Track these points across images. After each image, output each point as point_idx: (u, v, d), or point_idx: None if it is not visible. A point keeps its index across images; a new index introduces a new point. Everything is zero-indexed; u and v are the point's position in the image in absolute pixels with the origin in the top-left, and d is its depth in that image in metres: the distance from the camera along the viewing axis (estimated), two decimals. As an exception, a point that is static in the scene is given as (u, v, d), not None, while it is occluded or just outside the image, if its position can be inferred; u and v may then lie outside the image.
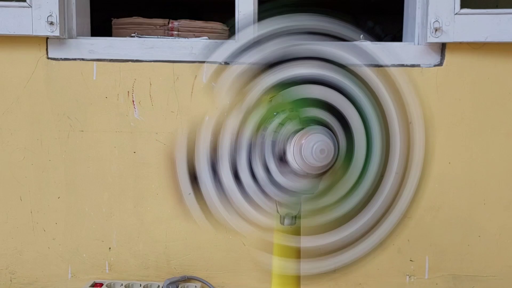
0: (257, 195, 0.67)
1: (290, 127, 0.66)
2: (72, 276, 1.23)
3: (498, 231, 1.17)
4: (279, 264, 0.78)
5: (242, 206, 0.67)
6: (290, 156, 0.64)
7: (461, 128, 1.14)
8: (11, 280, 1.24)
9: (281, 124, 0.67)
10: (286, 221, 0.76)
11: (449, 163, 1.15)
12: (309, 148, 0.62)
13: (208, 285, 1.21)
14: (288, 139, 0.65)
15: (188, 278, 1.21)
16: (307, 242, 0.73)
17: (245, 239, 1.20)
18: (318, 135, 0.63)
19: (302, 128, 0.65)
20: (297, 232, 0.77)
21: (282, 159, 0.65)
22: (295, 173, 0.65)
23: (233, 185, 0.67)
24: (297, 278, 0.80)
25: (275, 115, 0.68)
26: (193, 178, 0.68)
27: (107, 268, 1.22)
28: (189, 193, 0.69)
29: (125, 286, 1.17)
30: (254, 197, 0.67)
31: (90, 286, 1.17)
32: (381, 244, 0.74)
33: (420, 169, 0.74)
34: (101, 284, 1.18)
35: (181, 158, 0.68)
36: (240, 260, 1.21)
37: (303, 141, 0.62)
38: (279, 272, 0.79)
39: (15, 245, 1.23)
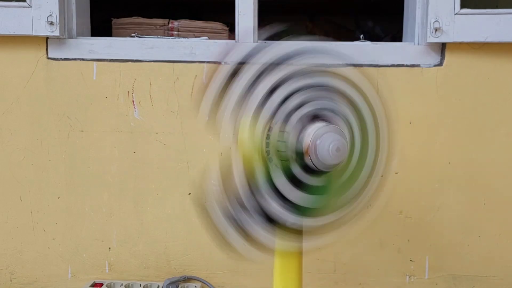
0: (266, 112, 0.67)
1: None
2: (72, 276, 1.23)
3: (498, 231, 1.17)
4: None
5: (247, 113, 0.67)
6: (309, 163, 0.65)
7: (461, 128, 1.14)
8: (11, 280, 1.24)
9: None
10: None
11: (449, 163, 1.15)
12: (325, 148, 0.63)
13: (208, 285, 1.21)
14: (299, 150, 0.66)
15: (188, 278, 1.21)
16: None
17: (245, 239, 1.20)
18: (331, 134, 0.64)
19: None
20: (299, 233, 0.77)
21: (314, 118, 0.67)
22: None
23: (261, 94, 0.66)
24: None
25: (282, 134, 0.69)
26: (232, 75, 0.68)
27: (107, 268, 1.22)
28: (220, 84, 0.68)
29: (125, 286, 1.17)
30: (264, 113, 0.67)
31: (90, 286, 1.17)
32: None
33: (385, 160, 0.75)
34: (101, 284, 1.18)
35: (237, 53, 0.67)
36: (240, 260, 1.21)
37: (317, 142, 0.63)
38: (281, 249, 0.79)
39: (15, 245, 1.23)
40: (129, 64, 1.17)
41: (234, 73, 0.68)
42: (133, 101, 1.18)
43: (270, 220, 0.69)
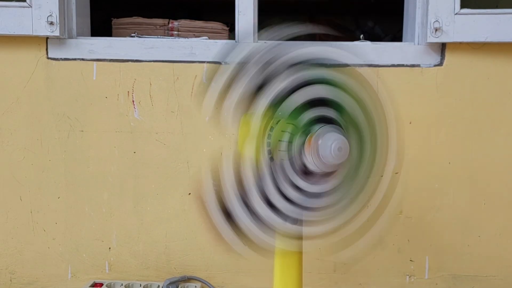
0: (299, 214, 0.66)
1: (298, 141, 0.66)
2: (72, 276, 1.23)
3: (498, 231, 1.17)
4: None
5: (289, 229, 0.67)
6: (310, 164, 0.64)
7: (461, 128, 1.14)
8: (11, 280, 1.24)
9: (290, 142, 0.67)
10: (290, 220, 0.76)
11: (449, 163, 1.15)
12: (327, 147, 0.62)
13: (208, 285, 1.21)
14: (300, 152, 0.65)
15: (188, 278, 1.21)
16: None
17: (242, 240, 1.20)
18: (332, 133, 0.63)
19: (307, 136, 0.65)
20: (299, 236, 0.77)
21: (305, 172, 0.65)
22: (321, 176, 0.65)
23: (269, 213, 0.66)
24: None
25: (283, 134, 0.68)
26: (227, 215, 0.67)
27: (107, 268, 1.22)
28: (227, 231, 0.68)
29: (125, 286, 1.17)
30: (298, 216, 0.66)
31: (90, 286, 1.17)
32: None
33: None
34: (101, 284, 1.18)
35: (211, 198, 0.67)
36: (240, 260, 1.21)
37: (319, 142, 0.62)
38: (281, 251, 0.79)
39: (15, 245, 1.23)
40: (129, 64, 1.17)
41: (227, 214, 0.68)
42: (133, 101, 1.18)
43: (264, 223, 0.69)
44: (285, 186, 0.66)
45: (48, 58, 1.17)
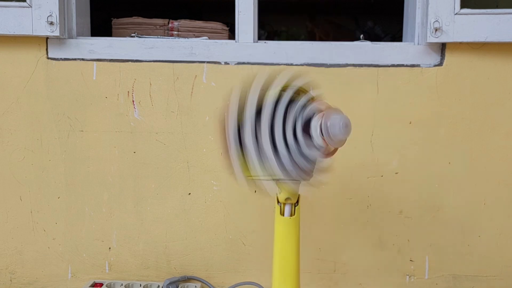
0: (290, 164, 0.74)
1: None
2: (72, 276, 1.23)
3: (498, 231, 1.17)
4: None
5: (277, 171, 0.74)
6: (318, 140, 0.73)
7: (461, 128, 1.14)
8: (11, 280, 1.24)
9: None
10: (286, 211, 0.81)
11: (449, 163, 1.15)
12: (335, 126, 0.71)
13: (208, 285, 1.21)
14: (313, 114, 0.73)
15: (188, 278, 1.21)
16: None
17: (245, 239, 1.20)
18: (338, 114, 0.72)
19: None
20: (296, 224, 0.81)
21: (305, 130, 0.73)
22: (315, 146, 0.74)
23: (270, 153, 0.73)
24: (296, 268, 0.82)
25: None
26: (239, 141, 0.74)
27: (107, 268, 1.22)
28: (236, 151, 0.74)
29: (125, 286, 1.17)
30: (287, 166, 0.74)
31: (90, 286, 1.17)
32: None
33: None
34: (101, 284, 1.18)
35: (231, 119, 0.74)
36: (240, 260, 1.21)
37: (328, 122, 0.71)
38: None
39: (15, 245, 1.23)
40: (129, 64, 1.17)
41: (240, 140, 0.74)
42: (133, 101, 1.18)
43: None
44: (290, 132, 0.73)
45: (48, 58, 1.17)
